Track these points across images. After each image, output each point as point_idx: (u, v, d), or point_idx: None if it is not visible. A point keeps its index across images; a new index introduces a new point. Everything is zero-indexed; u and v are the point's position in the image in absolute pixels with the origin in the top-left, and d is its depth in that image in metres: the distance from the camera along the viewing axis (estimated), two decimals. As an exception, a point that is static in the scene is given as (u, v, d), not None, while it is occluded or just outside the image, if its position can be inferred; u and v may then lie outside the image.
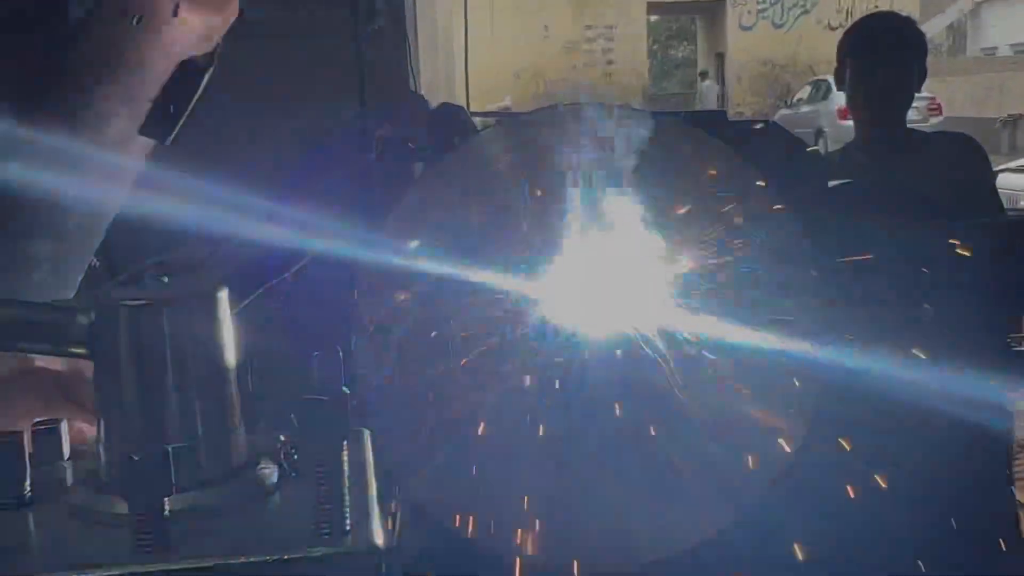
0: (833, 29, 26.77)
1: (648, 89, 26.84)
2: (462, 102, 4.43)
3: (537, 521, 1.27)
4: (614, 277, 1.27)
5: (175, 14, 0.84)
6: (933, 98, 20.96)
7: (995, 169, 10.24)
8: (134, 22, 0.82)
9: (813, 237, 1.53)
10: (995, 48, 32.28)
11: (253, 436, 0.64)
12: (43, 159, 0.84)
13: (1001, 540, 2.56)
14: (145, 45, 0.85)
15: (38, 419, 0.67)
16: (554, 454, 1.28)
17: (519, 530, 1.27)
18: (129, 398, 0.58)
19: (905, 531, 1.91)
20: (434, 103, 3.21)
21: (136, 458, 0.53)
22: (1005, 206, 8.16)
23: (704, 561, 1.42)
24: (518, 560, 1.27)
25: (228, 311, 0.61)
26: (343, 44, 2.88)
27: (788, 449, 1.48)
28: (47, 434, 0.64)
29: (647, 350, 1.28)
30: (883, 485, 1.75)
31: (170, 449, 0.55)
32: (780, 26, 26.81)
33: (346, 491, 0.55)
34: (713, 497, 1.40)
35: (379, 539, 0.55)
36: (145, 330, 0.58)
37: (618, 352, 1.27)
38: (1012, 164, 11.16)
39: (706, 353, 1.32)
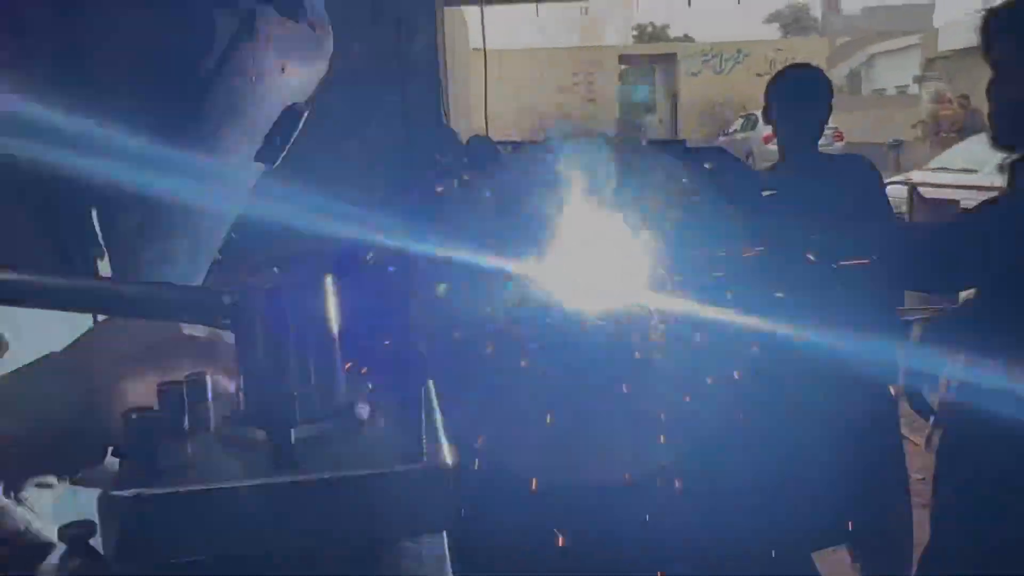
0: (759, 76, 26.61)
1: (617, 120, 26.72)
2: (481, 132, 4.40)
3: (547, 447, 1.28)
4: (605, 265, 1.25)
5: (282, 71, 0.85)
6: (837, 128, 20.80)
7: (885, 182, 10.14)
8: (252, 79, 0.82)
9: (750, 233, 1.52)
10: (884, 89, 32.01)
11: (351, 384, 0.64)
12: (184, 178, 0.85)
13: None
14: (260, 95, 0.85)
15: (188, 372, 0.67)
16: (561, 392, 1.28)
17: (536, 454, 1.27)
18: (262, 357, 0.59)
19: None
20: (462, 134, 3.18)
21: (280, 400, 0.54)
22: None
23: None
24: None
25: (332, 293, 0.62)
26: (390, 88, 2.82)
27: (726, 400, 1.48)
28: (196, 382, 0.65)
29: (625, 319, 1.28)
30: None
31: (295, 393, 0.57)
32: (719, 73, 26.66)
33: (422, 425, 0.56)
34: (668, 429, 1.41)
35: (449, 459, 0.56)
36: (274, 307, 0.59)
37: (604, 321, 1.27)
38: (896, 178, 11.03)
39: (665, 321, 1.32)
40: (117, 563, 0.52)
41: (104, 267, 0.99)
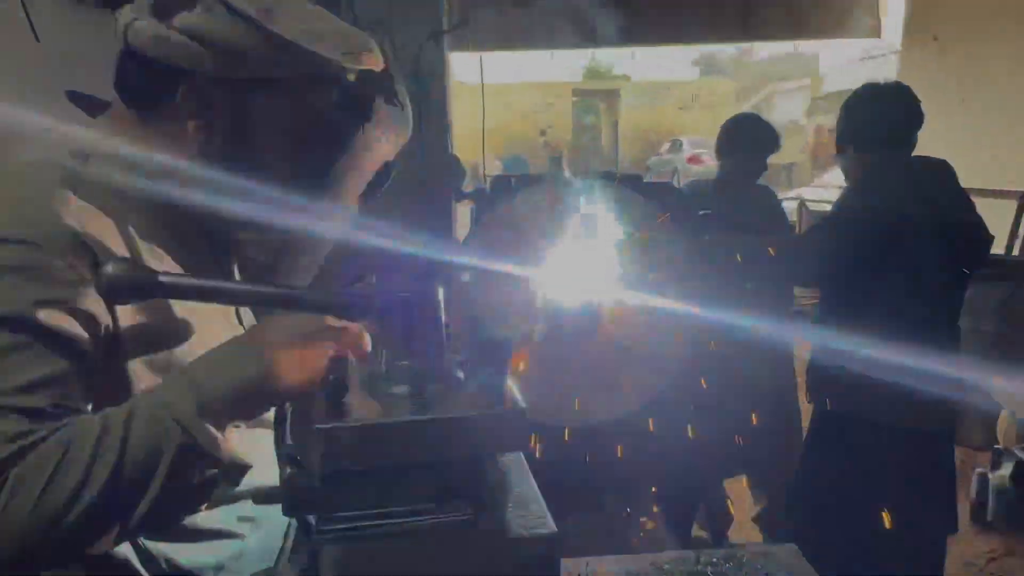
0: (681, 108, 27.10)
1: (570, 144, 26.88)
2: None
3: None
4: (593, 269, 1.37)
5: (387, 140, 0.97)
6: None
7: (780, 198, 10.34)
8: (368, 147, 0.94)
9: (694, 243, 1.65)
10: (778, 120, 32.44)
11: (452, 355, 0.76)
12: (314, 214, 0.96)
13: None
14: (370, 157, 0.97)
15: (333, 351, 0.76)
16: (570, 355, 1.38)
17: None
18: (400, 338, 0.72)
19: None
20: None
21: (415, 367, 0.67)
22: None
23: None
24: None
25: (441, 297, 0.74)
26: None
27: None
28: (340, 360, 0.75)
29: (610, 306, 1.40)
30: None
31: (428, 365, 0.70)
32: (652, 106, 27.01)
33: (505, 383, 0.70)
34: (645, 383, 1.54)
35: (524, 405, 0.69)
36: (411, 310, 0.72)
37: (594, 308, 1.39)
38: (790, 194, 11.27)
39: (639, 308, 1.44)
40: (320, 467, 0.65)
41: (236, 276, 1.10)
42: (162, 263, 0.89)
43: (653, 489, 1.97)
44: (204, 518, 0.93)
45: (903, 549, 1.95)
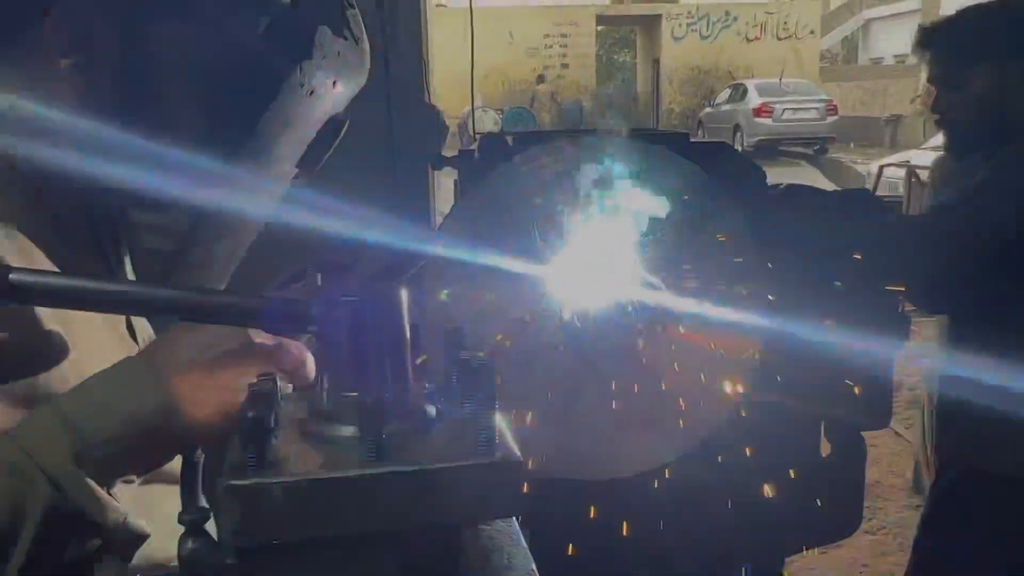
0: (750, 41, 26.83)
1: (593, 88, 26.78)
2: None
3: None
4: (615, 264, 1.36)
5: (334, 87, 0.97)
6: (830, 100, 21.07)
7: (881, 163, 10.27)
8: (307, 94, 0.95)
9: (758, 234, 1.65)
10: (881, 58, 32.44)
11: (419, 386, 0.76)
12: (235, 186, 0.97)
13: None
14: (311, 109, 0.98)
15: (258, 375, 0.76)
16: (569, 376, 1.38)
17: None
18: (350, 362, 0.72)
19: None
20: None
21: (368, 400, 0.67)
22: (887, 193, 8.22)
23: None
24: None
25: (405, 302, 0.74)
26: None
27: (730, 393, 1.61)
28: (268, 382, 0.74)
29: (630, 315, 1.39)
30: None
31: (385, 394, 0.70)
32: (706, 38, 26.82)
33: (494, 423, 0.69)
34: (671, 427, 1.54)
35: (518, 452, 0.69)
36: (356, 317, 0.72)
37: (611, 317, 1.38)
38: (893, 158, 11.27)
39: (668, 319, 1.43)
40: (234, 541, 0.65)
41: (129, 271, 1.11)
42: (23, 255, 0.89)
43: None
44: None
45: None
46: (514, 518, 0.73)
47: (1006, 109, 2.08)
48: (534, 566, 0.73)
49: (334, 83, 0.97)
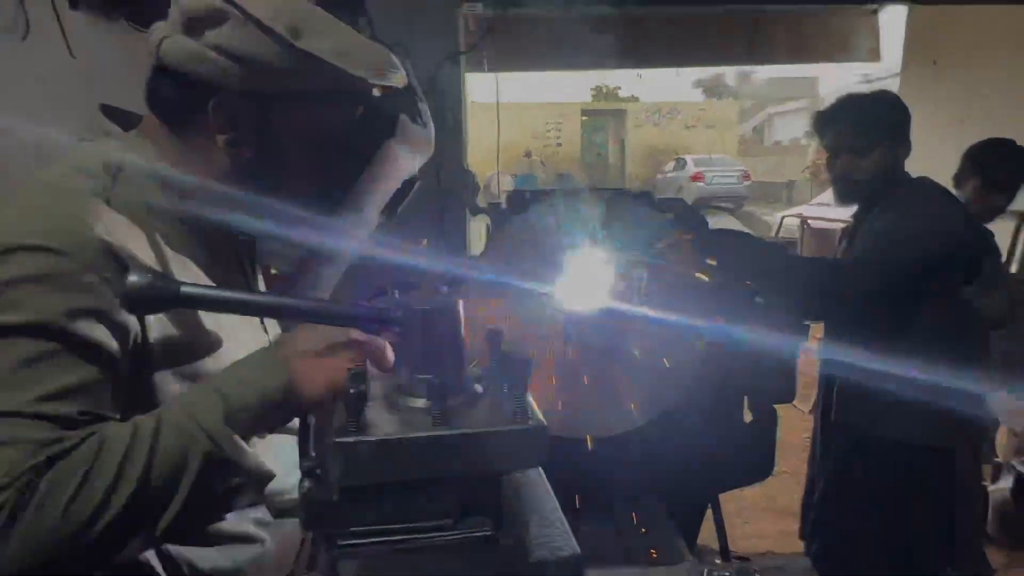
0: (688, 128, 26.89)
1: (578, 160, 26.84)
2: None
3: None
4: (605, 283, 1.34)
5: (410, 157, 0.96)
6: (745, 170, 21.01)
7: (782, 214, 10.13)
8: (391, 162, 0.93)
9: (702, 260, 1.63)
10: (780, 141, 32.42)
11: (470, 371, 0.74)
12: (336, 228, 0.95)
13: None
14: (393, 173, 0.96)
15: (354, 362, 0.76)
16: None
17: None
18: (419, 352, 0.70)
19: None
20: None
21: (434, 381, 0.65)
22: (786, 235, 8.10)
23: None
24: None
25: (461, 312, 0.72)
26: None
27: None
28: (361, 367, 0.72)
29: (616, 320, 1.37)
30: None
31: (449, 376, 0.68)
32: (657, 125, 26.91)
33: (525, 398, 0.67)
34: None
35: (544, 420, 0.66)
36: (429, 321, 0.70)
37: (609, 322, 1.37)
38: (790, 211, 11.15)
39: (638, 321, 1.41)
40: (338, 483, 0.63)
41: (261, 286, 1.09)
42: (189, 273, 0.88)
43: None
44: (224, 523, 0.91)
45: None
46: (540, 469, 0.70)
47: (880, 173, 2.05)
48: (556, 503, 0.70)
49: (410, 155, 0.96)
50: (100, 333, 0.75)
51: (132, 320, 0.78)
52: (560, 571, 0.60)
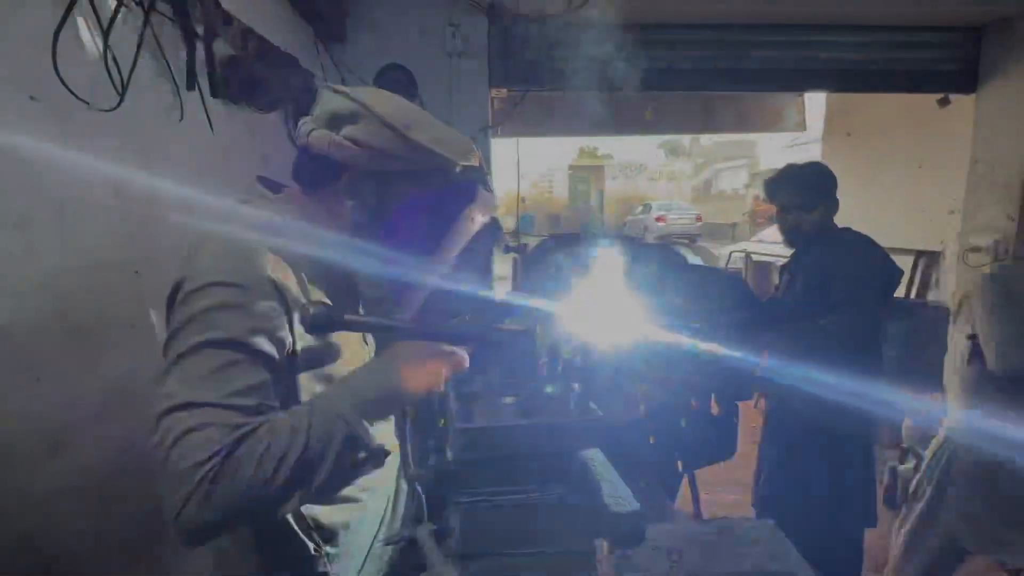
0: (653, 180, 27.19)
1: (567, 204, 27.00)
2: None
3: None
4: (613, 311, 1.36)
5: (482, 216, 1.01)
6: (698, 213, 21.03)
7: (729, 249, 9.96)
8: (469, 222, 0.98)
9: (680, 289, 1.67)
10: (725, 190, 32.53)
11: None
12: (422, 268, 0.96)
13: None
14: (471, 226, 1.01)
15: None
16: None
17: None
18: (509, 364, 0.75)
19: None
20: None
21: (517, 383, 0.70)
22: (734, 266, 8.01)
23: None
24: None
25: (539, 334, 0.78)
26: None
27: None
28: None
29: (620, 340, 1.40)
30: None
31: (534, 381, 0.73)
32: (629, 178, 27.17)
33: (587, 396, 0.72)
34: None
35: (601, 413, 0.72)
36: (522, 339, 0.76)
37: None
38: (735, 247, 11.02)
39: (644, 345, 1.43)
40: (457, 457, 0.68)
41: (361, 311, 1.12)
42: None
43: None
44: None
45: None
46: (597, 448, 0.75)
47: (819, 223, 2.11)
48: (615, 472, 0.74)
49: (482, 214, 1.01)
50: (269, 347, 0.80)
51: (287, 336, 0.83)
52: (629, 521, 0.65)
